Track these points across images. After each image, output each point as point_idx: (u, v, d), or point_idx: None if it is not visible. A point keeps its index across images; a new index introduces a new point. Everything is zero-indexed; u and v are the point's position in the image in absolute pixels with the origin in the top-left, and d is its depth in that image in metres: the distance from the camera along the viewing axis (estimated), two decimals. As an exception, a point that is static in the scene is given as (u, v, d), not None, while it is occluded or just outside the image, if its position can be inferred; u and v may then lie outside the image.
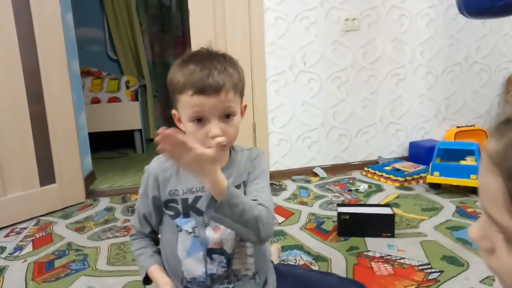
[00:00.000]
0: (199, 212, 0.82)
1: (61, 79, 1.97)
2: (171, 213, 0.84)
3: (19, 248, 1.56)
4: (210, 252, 0.84)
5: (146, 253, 0.89)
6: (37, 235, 1.68)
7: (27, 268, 1.38)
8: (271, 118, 2.26)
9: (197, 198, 0.82)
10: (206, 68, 0.76)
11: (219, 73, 0.76)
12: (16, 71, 1.78)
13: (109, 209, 1.97)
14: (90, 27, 3.71)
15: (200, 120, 0.77)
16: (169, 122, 3.55)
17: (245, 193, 0.85)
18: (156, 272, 0.87)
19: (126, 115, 3.25)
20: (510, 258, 0.36)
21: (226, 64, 0.79)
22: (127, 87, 3.26)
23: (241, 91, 0.82)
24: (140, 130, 3.33)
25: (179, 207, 0.83)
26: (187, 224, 0.83)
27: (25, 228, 1.77)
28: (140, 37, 3.79)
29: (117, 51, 3.84)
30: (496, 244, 0.38)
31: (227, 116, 0.78)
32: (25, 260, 1.44)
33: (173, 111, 0.84)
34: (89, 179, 2.34)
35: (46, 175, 1.93)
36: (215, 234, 0.84)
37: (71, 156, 2.04)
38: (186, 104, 0.77)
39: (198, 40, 2.09)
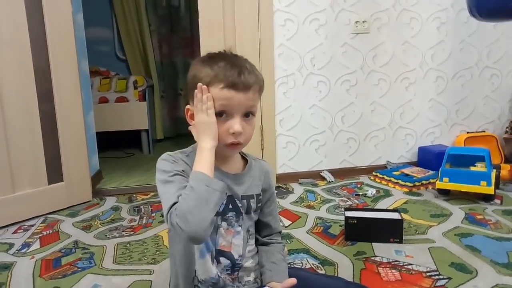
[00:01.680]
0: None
1: (71, 79, 1.99)
2: None
3: (26, 245, 1.57)
4: (218, 254, 0.85)
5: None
6: (44, 233, 1.69)
7: (35, 265, 1.38)
8: (279, 120, 2.26)
9: None
10: (236, 66, 0.78)
11: (249, 73, 0.79)
12: (27, 70, 1.80)
13: (116, 209, 1.97)
14: (99, 27, 3.74)
15: (222, 115, 0.79)
16: (176, 122, 3.55)
17: (259, 209, 0.91)
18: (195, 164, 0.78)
19: (134, 115, 3.26)
20: None
21: (253, 67, 0.82)
22: (135, 87, 3.28)
23: (261, 94, 0.85)
24: (147, 130, 3.34)
25: None
26: None
27: (32, 225, 1.78)
28: (148, 38, 3.81)
29: (125, 51, 3.86)
30: None
31: (247, 115, 0.81)
32: (33, 257, 1.45)
33: (188, 107, 0.84)
34: (96, 178, 2.35)
35: (54, 173, 1.95)
36: (226, 236, 0.85)
37: (79, 155, 2.05)
38: (214, 97, 0.78)
39: (207, 41, 2.09)
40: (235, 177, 0.87)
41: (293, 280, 0.83)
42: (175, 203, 0.74)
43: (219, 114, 0.78)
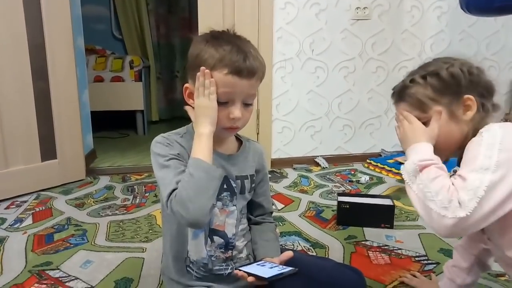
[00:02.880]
0: None
1: (66, 56, 1.96)
2: None
3: (19, 220, 1.57)
4: (212, 233, 0.85)
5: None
6: (37, 209, 1.69)
7: (27, 240, 1.39)
8: (276, 105, 2.25)
9: None
10: (242, 51, 0.77)
11: (254, 59, 0.78)
12: (22, 47, 1.77)
13: (109, 188, 1.97)
14: (96, 5, 3.67)
15: (223, 100, 0.78)
16: (172, 105, 3.52)
17: (253, 190, 0.91)
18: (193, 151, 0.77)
19: (129, 95, 3.23)
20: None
21: (257, 51, 0.81)
22: (131, 67, 3.24)
23: (261, 81, 0.84)
24: (142, 111, 3.32)
25: None
26: None
27: (25, 202, 1.77)
28: (146, 17, 3.75)
29: (122, 30, 3.80)
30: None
31: (246, 103, 0.81)
32: (25, 232, 1.45)
33: (187, 85, 0.83)
34: (90, 157, 2.34)
35: (48, 150, 1.93)
36: (220, 215, 0.85)
37: (72, 133, 2.04)
38: (217, 81, 0.76)
39: (205, 23, 2.06)
40: (229, 157, 0.87)
41: (290, 253, 0.84)
42: (174, 190, 0.74)
43: (220, 100, 0.77)
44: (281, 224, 1.51)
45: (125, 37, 3.81)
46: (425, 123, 0.80)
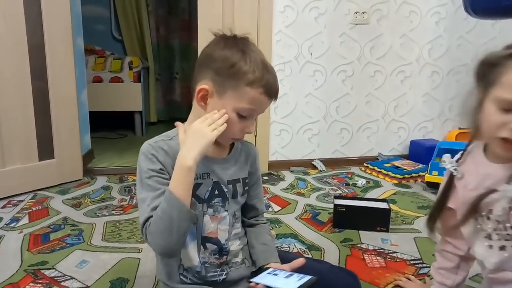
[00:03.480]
0: (199, 200, 0.82)
1: (65, 55, 1.96)
2: None
3: (15, 219, 1.56)
4: (204, 241, 0.84)
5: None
6: (34, 208, 1.69)
7: (23, 239, 1.39)
8: (274, 107, 2.26)
9: (197, 185, 0.81)
10: (272, 71, 0.80)
11: (276, 78, 0.81)
12: (21, 46, 1.77)
13: (106, 188, 1.97)
14: (96, 5, 3.67)
15: (242, 116, 0.78)
16: (171, 106, 3.52)
17: (245, 193, 0.90)
18: (172, 180, 0.75)
19: (128, 96, 3.24)
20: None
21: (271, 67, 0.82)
22: (130, 68, 3.25)
23: None
24: (140, 112, 3.32)
25: None
26: None
27: (22, 201, 1.77)
28: (146, 18, 3.75)
29: (121, 31, 3.81)
30: None
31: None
32: (21, 231, 1.45)
33: (205, 86, 0.78)
34: (88, 157, 2.34)
35: (45, 150, 1.93)
36: (211, 222, 0.84)
37: (70, 132, 2.04)
38: (250, 98, 0.76)
39: (205, 25, 2.07)
40: (220, 161, 0.85)
41: (302, 261, 0.82)
42: (149, 218, 0.74)
43: (242, 114, 0.78)
44: (278, 227, 1.52)
45: (124, 38, 3.81)
46: None
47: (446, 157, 0.88)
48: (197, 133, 0.75)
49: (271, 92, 0.78)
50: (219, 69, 0.77)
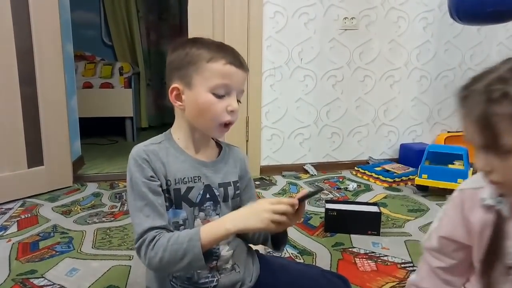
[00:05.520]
0: (191, 204, 0.81)
1: (54, 61, 1.95)
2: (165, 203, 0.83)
3: (3, 228, 1.54)
4: None
5: (179, 233, 0.76)
6: (22, 216, 1.66)
7: (11, 248, 1.37)
8: (265, 112, 2.27)
9: (189, 189, 0.80)
10: (228, 46, 0.80)
11: (235, 51, 0.81)
12: (9, 51, 1.75)
13: (97, 195, 1.96)
14: (85, 11, 3.66)
15: (219, 95, 0.78)
16: (162, 111, 3.50)
17: (237, 197, 0.88)
18: (205, 226, 0.75)
19: (118, 102, 3.22)
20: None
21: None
22: (121, 74, 3.23)
23: None
24: (131, 118, 3.31)
25: (172, 197, 0.81)
26: (179, 215, 0.82)
27: (10, 209, 1.74)
28: (136, 24, 3.75)
29: (112, 37, 3.79)
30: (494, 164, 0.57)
31: (238, 97, 0.81)
32: (10, 240, 1.43)
33: (175, 85, 0.80)
34: (78, 163, 2.32)
35: (34, 157, 1.91)
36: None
37: (60, 139, 2.02)
38: (216, 73, 0.77)
39: (195, 30, 2.08)
40: (211, 164, 0.85)
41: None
42: (146, 231, 0.73)
43: (218, 93, 0.77)
44: (269, 231, 1.52)
45: (115, 44, 3.80)
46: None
47: (485, 192, 0.66)
48: (258, 211, 0.72)
49: (235, 60, 0.78)
50: (177, 64, 0.80)
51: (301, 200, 0.73)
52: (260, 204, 0.72)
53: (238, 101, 0.81)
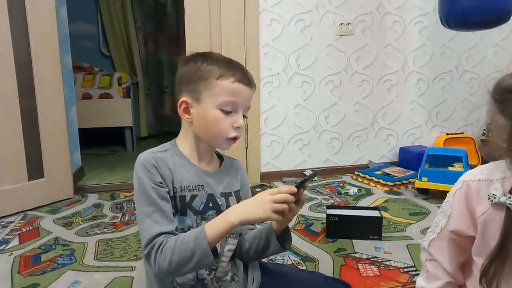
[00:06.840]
0: (195, 211, 0.82)
1: (53, 73, 1.96)
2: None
3: (5, 241, 1.54)
4: None
5: (184, 234, 0.76)
6: (24, 229, 1.66)
7: (13, 262, 1.36)
8: (264, 119, 2.27)
9: (193, 197, 0.81)
10: (237, 63, 0.82)
11: (247, 70, 0.82)
12: (8, 64, 1.76)
13: (98, 206, 1.95)
14: (83, 22, 3.68)
15: (227, 111, 0.79)
16: (161, 120, 3.51)
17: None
18: (210, 222, 0.75)
19: (117, 112, 3.22)
20: None
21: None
22: (119, 84, 3.24)
23: None
24: (131, 128, 3.31)
25: (178, 204, 0.81)
26: (184, 222, 0.82)
27: (11, 222, 1.74)
28: (134, 34, 3.77)
29: (110, 47, 3.81)
30: None
31: (245, 113, 0.83)
32: (11, 254, 1.42)
33: (184, 99, 0.81)
34: (78, 175, 2.32)
35: (35, 169, 1.91)
36: None
37: (60, 151, 2.02)
38: (225, 90, 0.78)
39: (193, 39, 2.09)
40: (214, 174, 0.86)
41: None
42: (155, 237, 0.73)
43: (223, 110, 0.79)
44: (271, 238, 1.51)
45: (113, 54, 3.82)
46: None
47: (494, 189, 0.66)
48: (259, 202, 0.73)
49: (244, 78, 0.80)
50: (188, 79, 0.81)
51: (299, 186, 0.75)
52: (261, 195, 0.74)
53: (245, 116, 0.83)
